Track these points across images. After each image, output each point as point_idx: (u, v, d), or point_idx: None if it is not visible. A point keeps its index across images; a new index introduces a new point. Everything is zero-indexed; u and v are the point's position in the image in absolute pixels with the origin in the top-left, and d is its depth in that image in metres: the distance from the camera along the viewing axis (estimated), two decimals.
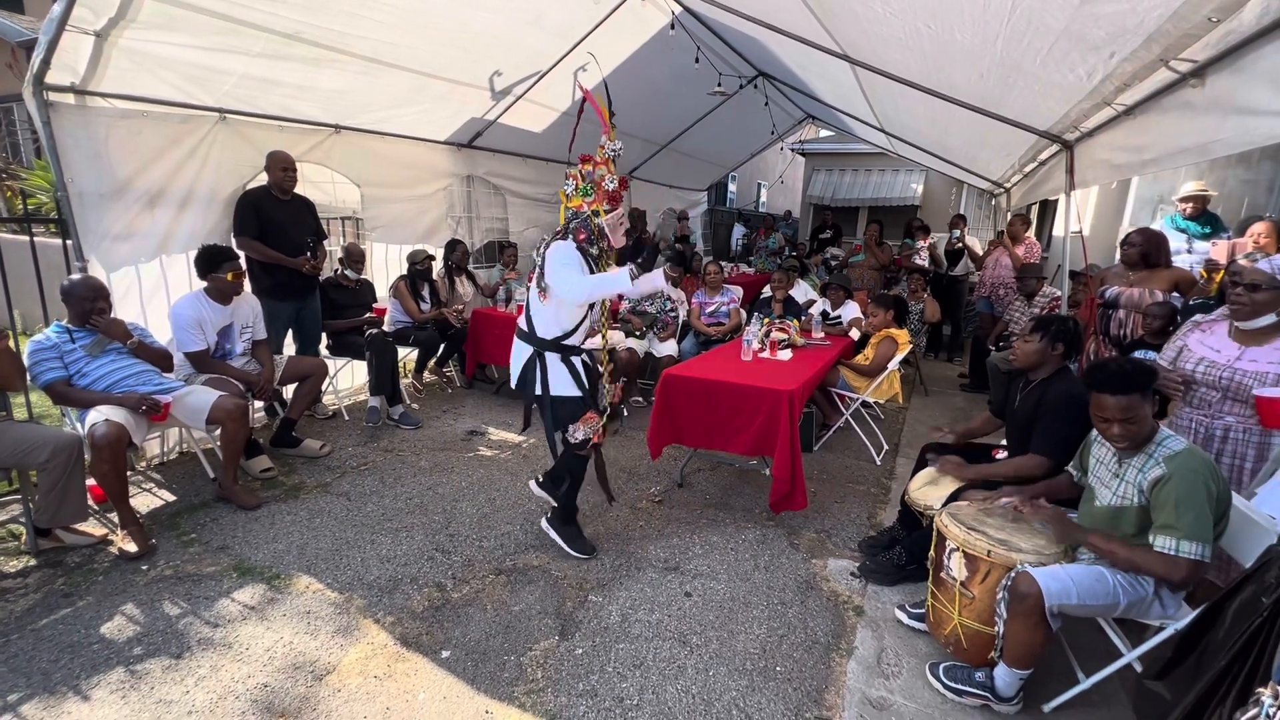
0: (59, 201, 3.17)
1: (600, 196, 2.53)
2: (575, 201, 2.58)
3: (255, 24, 3.30)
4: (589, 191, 2.54)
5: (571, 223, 2.58)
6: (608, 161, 2.54)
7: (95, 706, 1.91)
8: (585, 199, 2.55)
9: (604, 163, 2.54)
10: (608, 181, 2.53)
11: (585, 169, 2.55)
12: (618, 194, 2.57)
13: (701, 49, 5.19)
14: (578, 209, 2.58)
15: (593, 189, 2.54)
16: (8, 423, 2.70)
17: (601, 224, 2.56)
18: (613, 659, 2.20)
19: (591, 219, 2.55)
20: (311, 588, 2.53)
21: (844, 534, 3.12)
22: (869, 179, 11.47)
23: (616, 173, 2.56)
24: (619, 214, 2.61)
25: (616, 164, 2.57)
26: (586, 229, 2.57)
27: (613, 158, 2.54)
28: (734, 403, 3.16)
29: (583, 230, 2.57)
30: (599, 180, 2.53)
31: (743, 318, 5.26)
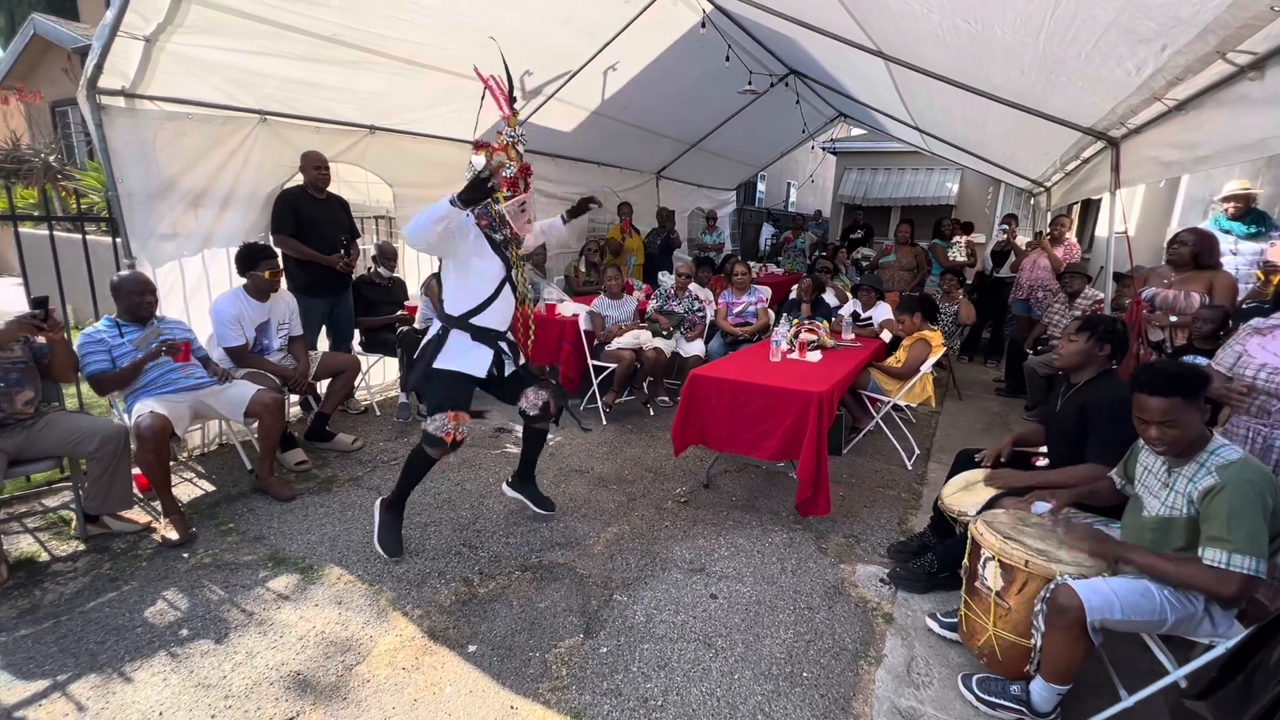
0: (109, 201, 3.29)
1: (501, 183, 2.49)
2: None
3: (296, 27, 3.38)
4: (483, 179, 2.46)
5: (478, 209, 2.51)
6: (506, 147, 2.50)
7: (139, 688, 1.98)
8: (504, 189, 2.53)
9: (502, 149, 2.50)
10: (506, 168, 2.49)
11: (478, 155, 2.50)
12: (515, 180, 2.53)
13: (732, 47, 5.16)
14: None
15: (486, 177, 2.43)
16: (60, 413, 2.81)
17: (501, 210, 2.51)
18: (637, 659, 2.20)
19: (490, 205, 2.49)
20: (343, 579, 2.58)
21: (873, 539, 3.07)
22: (902, 178, 11.25)
23: (519, 158, 2.53)
24: (519, 200, 2.55)
25: (519, 149, 2.53)
26: (487, 215, 2.54)
27: (511, 143, 2.50)
28: (761, 404, 3.13)
29: (483, 217, 2.54)
30: (497, 166, 2.46)
31: (771, 318, 5.21)
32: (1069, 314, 4.93)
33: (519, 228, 2.60)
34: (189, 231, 3.60)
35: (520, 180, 2.54)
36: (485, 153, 2.50)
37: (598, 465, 3.81)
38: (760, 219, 12.93)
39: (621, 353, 4.51)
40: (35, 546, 2.74)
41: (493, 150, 2.50)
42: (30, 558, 2.65)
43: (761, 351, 3.92)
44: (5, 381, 2.55)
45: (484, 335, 2.65)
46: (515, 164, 2.52)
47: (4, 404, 2.54)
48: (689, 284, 5.20)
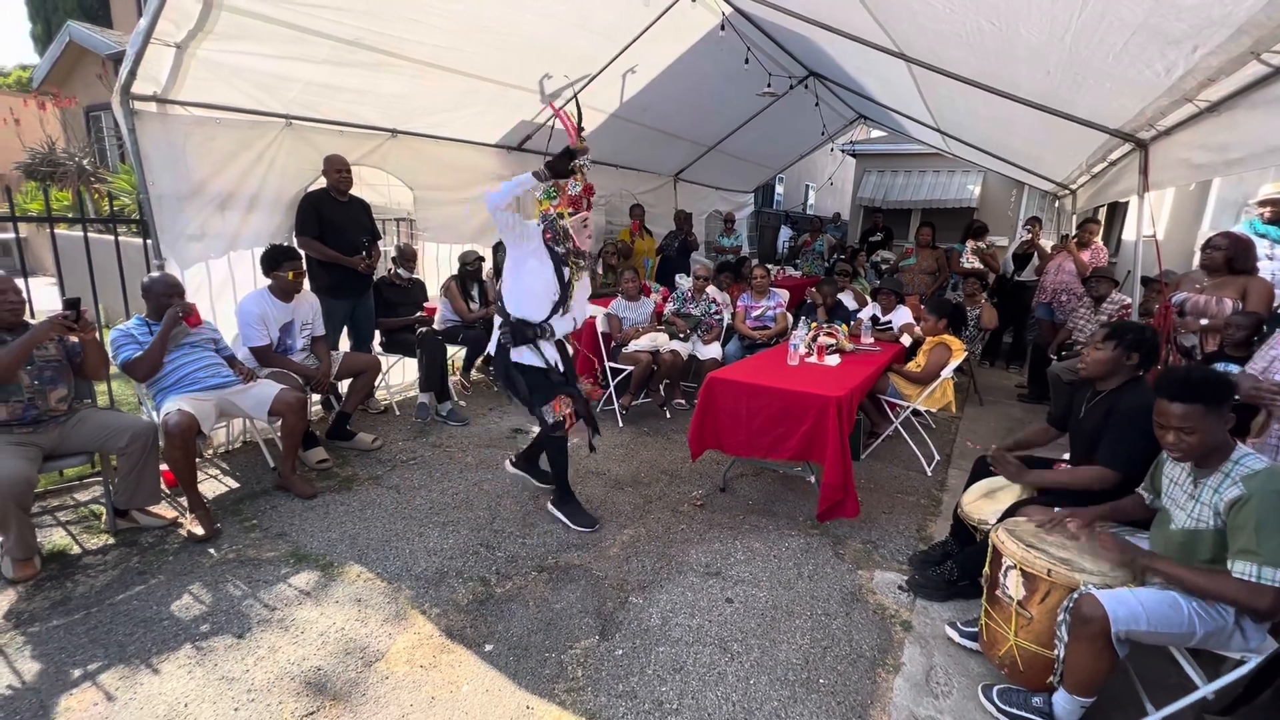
0: (141, 203, 3.38)
1: (564, 201, 2.77)
2: (544, 205, 2.81)
3: (320, 31, 3.44)
4: (553, 195, 2.78)
5: (540, 223, 2.80)
6: (583, 171, 2.79)
7: (165, 680, 2.03)
8: (551, 202, 2.78)
9: (580, 175, 2.78)
10: (571, 187, 2.76)
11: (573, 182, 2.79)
12: (579, 199, 2.78)
13: (751, 50, 5.15)
14: (545, 211, 2.80)
15: (556, 193, 2.77)
16: (92, 409, 2.89)
17: (566, 226, 2.76)
18: (652, 662, 2.20)
19: (556, 221, 2.76)
20: (363, 576, 2.62)
21: (892, 546, 3.03)
22: (923, 180, 11.13)
23: (584, 180, 2.79)
24: (581, 217, 2.80)
25: (585, 173, 2.80)
26: (553, 230, 2.79)
27: (580, 167, 2.77)
28: (779, 408, 3.12)
29: (549, 230, 2.80)
30: (563, 186, 2.76)
31: (789, 322, 5.18)
32: (1095, 319, 4.84)
33: (581, 241, 2.81)
34: (216, 233, 3.68)
35: (584, 199, 2.79)
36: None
37: (614, 467, 3.81)
38: (778, 221, 12.86)
39: (638, 355, 4.52)
40: (67, 539, 2.81)
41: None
42: (62, 550, 2.73)
43: (779, 355, 3.90)
44: (40, 379, 2.62)
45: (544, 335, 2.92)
46: (580, 183, 2.78)
47: (39, 401, 2.61)
48: (707, 286, 5.19)
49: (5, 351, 2.45)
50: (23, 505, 2.41)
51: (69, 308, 2.61)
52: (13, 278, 2.64)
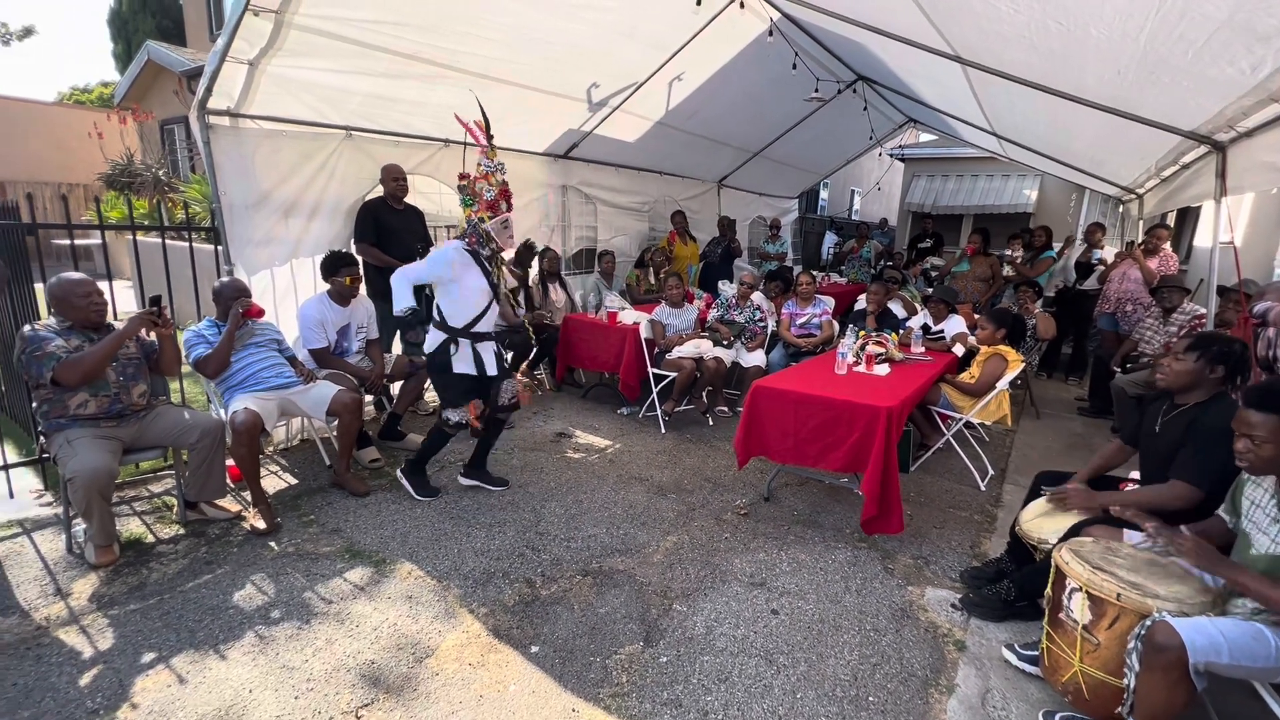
0: (213, 211, 3.57)
1: (482, 206, 3.03)
2: (467, 211, 3.09)
3: (380, 46, 3.58)
4: (470, 202, 3.06)
5: (467, 229, 3.12)
6: (486, 176, 3.04)
7: (231, 666, 2.13)
8: (470, 209, 3.07)
9: (481, 177, 3.04)
10: (486, 192, 3.02)
11: (462, 184, 3.07)
12: (496, 203, 3.04)
13: (799, 55, 5.11)
14: (468, 217, 3.09)
15: (473, 199, 3.04)
16: (166, 406, 3.06)
17: (487, 228, 3.06)
18: (697, 671, 2.18)
19: (479, 225, 3.05)
20: (413, 574, 2.69)
21: (944, 562, 2.94)
22: (975, 185, 10.79)
23: (496, 184, 3.05)
24: (500, 219, 3.07)
25: (497, 177, 3.06)
26: (476, 234, 3.09)
27: (489, 172, 3.04)
28: (827, 418, 3.06)
29: (473, 235, 3.10)
30: (479, 192, 3.03)
31: (835, 330, 5.10)
32: (1163, 330, 4.59)
33: (503, 243, 3.12)
34: (281, 239, 3.86)
35: (501, 202, 3.06)
36: (467, 182, 3.06)
37: (657, 474, 3.82)
38: (823, 227, 12.67)
39: (682, 361, 4.52)
40: (142, 529, 2.98)
41: (474, 180, 3.06)
42: (138, 539, 2.89)
43: (826, 363, 3.84)
44: (124, 375, 2.79)
45: (483, 339, 3.22)
46: (495, 189, 3.04)
47: (124, 396, 2.78)
48: (751, 293, 5.16)
49: (98, 348, 2.63)
50: (105, 495, 2.57)
51: (153, 304, 2.78)
52: (96, 281, 2.82)
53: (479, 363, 3.19)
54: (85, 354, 2.61)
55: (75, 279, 2.73)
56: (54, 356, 2.55)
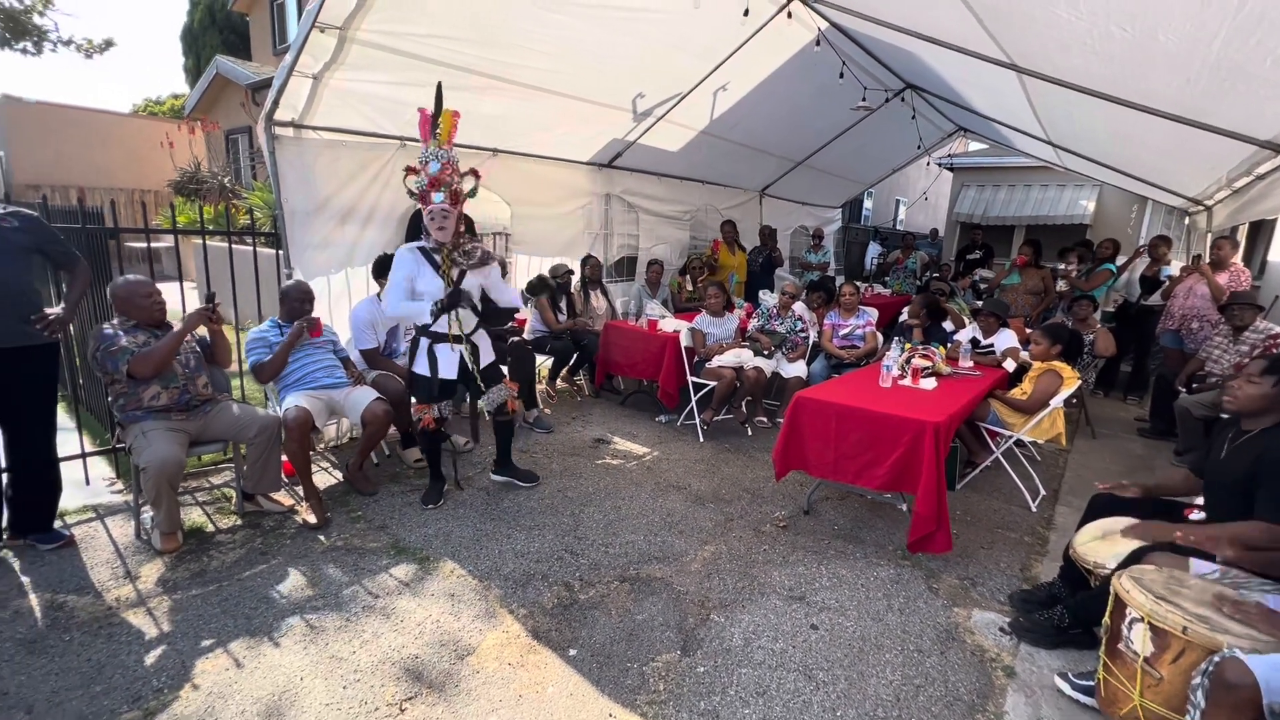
0: (276, 218, 3.74)
1: (420, 198, 2.95)
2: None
3: (436, 59, 3.70)
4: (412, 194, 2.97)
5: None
6: (418, 168, 2.92)
7: (284, 653, 2.21)
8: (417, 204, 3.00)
9: (421, 168, 2.91)
10: (415, 184, 2.92)
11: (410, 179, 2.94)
12: (426, 194, 2.91)
13: (847, 64, 5.06)
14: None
15: (414, 194, 2.96)
16: (229, 402, 3.21)
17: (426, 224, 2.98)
18: (735, 683, 2.17)
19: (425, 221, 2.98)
20: (455, 573, 2.75)
21: (991, 584, 2.85)
22: (1028, 195, 10.45)
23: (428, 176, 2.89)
24: (431, 209, 2.93)
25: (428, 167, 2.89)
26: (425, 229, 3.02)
27: (423, 163, 2.90)
28: (870, 432, 3.01)
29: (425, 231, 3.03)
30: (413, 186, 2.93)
31: (879, 341, 5.01)
32: (1233, 350, 4.35)
33: (435, 235, 2.98)
34: (336, 243, 4.02)
35: (431, 193, 2.90)
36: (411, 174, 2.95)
37: (695, 482, 3.81)
38: (866, 237, 12.47)
39: (722, 370, 4.50)
40: (203, 518, 3.13)
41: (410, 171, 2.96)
42: (199, 528, 3.04)
43: (870, 376, 3.77)
44: (188, 368, 2.95)
45: (440, 340, 3.12)
46: (424, 179, 2.91)
47: (190, 387, 2.93)
48: (793, 304, 5.11)
49: (165, 341, 2.79)
50: (173, 485, 2.72)
51: (209, 301, 2.93)
52: (155, 282, 2.98)
53: (433, 364, 3.11)
54: (155, 348, 2.77)
55: (137, 281, 2.90)
56: (127, 351, 2.72)
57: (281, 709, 1.97)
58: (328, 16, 3.09)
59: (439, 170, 2.88)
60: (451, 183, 2.91)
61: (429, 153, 2.90)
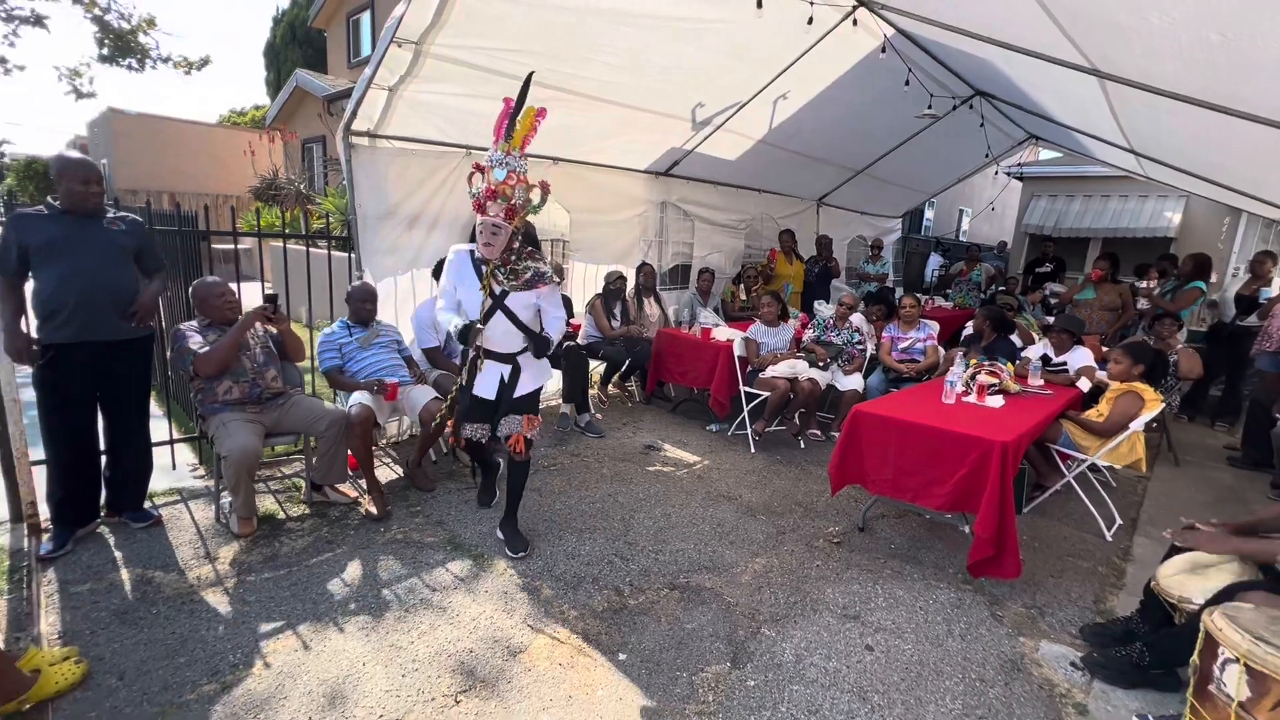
0: (349, 223, 3.93)
1: (475, 202, 2.56)
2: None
3: (504, 71, 3.81)
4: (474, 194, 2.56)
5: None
6: (482, 169, 2.53)
7: (347, 638, 2.31)
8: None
9: (476, 170, 2.54)
10: (474, 189, 2.52)
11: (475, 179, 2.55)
12: (481, 203, 2.52)
13: (913, 70, 4.94)
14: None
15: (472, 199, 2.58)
16: (301, 396, 3.38)
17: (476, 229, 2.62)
18: (786, 699, 2.13)
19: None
20: (508, 571, 2.81)
21: (1061, 614, 2.70)
22: (1105, 206, 9.91)
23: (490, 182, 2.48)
24: (482, 222, 2.55)
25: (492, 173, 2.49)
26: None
27: (488, 166, 2.52)
28: (933, 449, 2.91)
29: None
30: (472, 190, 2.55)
31: (940, 356, 4.84)
32: None
33: (480, 247, 2.61)
34: (404, 248, 4.19)
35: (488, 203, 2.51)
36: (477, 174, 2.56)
37: (746, 493, 3.77)
38: (927, 248, 12.07)
39: (776, 381, 4.45)
40: (275, 506, 3.30)
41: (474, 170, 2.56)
42: (271, 515, 3.21)
43: (932, 391, 3.65)
44: (257, 363, 3.12)
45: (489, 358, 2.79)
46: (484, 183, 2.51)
47: (259, 380, 3.10)
48: (850, 315, 5.00)
49: (224, 340, 2.96)
50: (251, 473, 2.88)
51: (268, 301, 3.10)
52: (236, 281, 3.17)
53: (471, 378, 2.80)
54: (214, 347, 2.94)
55: (212, 282, 3.10)
56: (191, 353, 2.90)
57: (345, 692, 2.05)
58: (405, 32, 3.23)
59: (503, 179, 2.49)
60: (512, 196, 2.50)
61: (497, 156, 2.52)
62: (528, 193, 2.56)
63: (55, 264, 2.61)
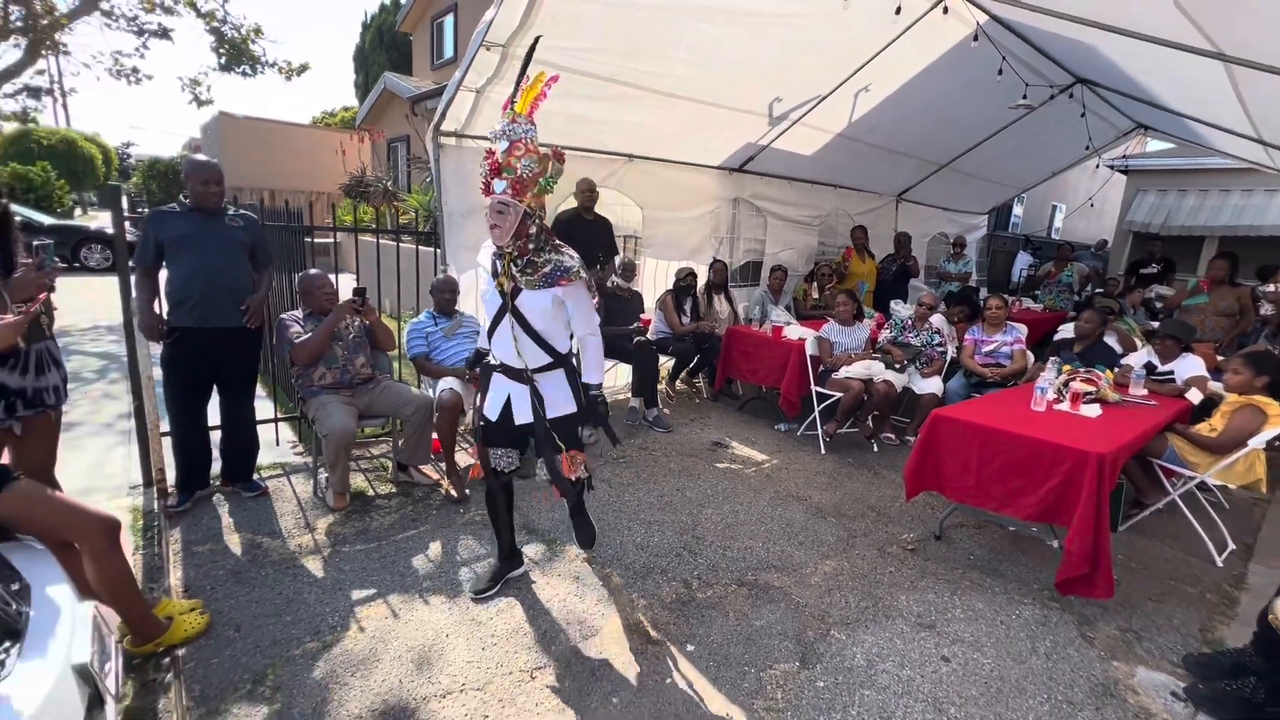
0: (436, 219, 4.14)
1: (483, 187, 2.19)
2: None
3: (584, 70, 3.90)
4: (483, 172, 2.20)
5: None
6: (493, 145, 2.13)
7: (431, 610, 2.46)
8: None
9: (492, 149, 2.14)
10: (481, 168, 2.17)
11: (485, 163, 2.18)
12: (488, 182, 2.15)
13: (1007, 59, 4.68)
14: None
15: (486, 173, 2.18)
16: (391, 382, 3.60)
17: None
18: (856, 703, 2.10)
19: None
20: (580, 557, 2.89)
21: (1161, 640, 2.52)
22: (1224, 202, 9.05)
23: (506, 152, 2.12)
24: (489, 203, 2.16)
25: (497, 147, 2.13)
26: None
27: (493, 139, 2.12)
28: (1020, 457, 2.78)
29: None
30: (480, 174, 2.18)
31: (1029, 361, 4.58)
32: None
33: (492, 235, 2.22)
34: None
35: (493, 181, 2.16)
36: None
37: (816, 494, 3.71)
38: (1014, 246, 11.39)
39: (850, 382, 4.34)
40: (365, 484, 3.54)
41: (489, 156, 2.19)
42: (362, 491, 3.44)
43: (1019, 398, 3.47)
44: (347, 351, 3.33)
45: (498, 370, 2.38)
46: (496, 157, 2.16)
47: (349, 367, 3.32)
48: (930, 315, 4.81)
49: (317, 331, 3.17)
50: (347, 452, 3.11)
51: (357, 294, 3.30)
52: (328, 274, 3.40)
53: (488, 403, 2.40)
54: (309, 338, 3.16)
55: (315, 274, 3.33)
56: (289, 342, 3.14)
57: (431, 659, 2.19)
58: (494, 35, 3.36)
59: (506, 150, 2.13)
60: (518, 169, 2.10)
61: (499, 128, 2.15)
62: (537, 164, 2.15)
63: (184, 258, 2.90)
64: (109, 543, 1.91)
